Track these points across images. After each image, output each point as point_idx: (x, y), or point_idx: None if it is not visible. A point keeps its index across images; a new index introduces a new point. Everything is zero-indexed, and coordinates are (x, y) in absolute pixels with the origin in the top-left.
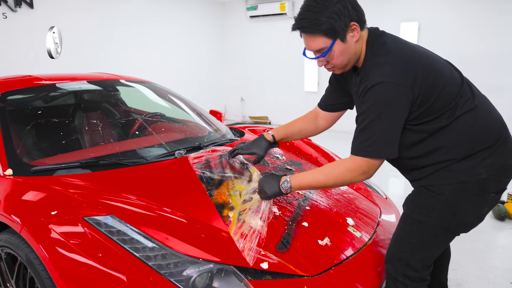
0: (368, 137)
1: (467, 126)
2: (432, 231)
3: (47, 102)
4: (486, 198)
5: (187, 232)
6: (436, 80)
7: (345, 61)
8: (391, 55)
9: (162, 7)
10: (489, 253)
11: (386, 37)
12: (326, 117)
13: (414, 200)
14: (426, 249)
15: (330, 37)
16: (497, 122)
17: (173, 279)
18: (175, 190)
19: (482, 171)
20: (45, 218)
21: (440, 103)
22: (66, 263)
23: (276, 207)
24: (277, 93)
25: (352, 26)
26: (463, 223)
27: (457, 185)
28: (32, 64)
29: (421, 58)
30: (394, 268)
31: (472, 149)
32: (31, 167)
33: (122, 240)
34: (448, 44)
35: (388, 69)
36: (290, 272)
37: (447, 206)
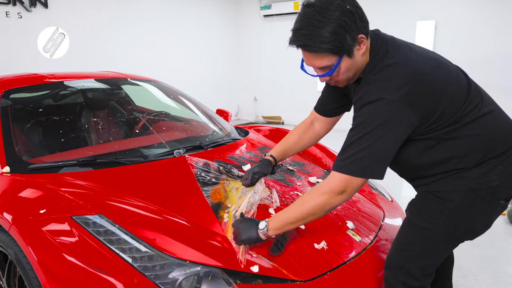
0: (353, 154)
1: (478, 133)
2: (436, 238)
3: (50, 99)
4: (496, 205)
5: (177, 233)
6: (442, 91)
7: (350, 75)
8: (391, 69)
9: (175, 5)
10: (502, 260)
11: (389, 46)
12: (324, 122)
13: (418, 206)
14: (428, 257)
15: (336, 54)
16: (508, 128)
17: (158, 281)
18: (170, 189)
19: (494, 178)
20: (34, 217)
21: (447, 113)
22: (52, 262)
23: (273, 209)
24: (291, 92)
25: (360, 39)
26: (470, 231)
27: (467, 192)
28: (46, 63)
29: (425, 70)
30: (394, 276)
31: (484, 156)
32: (29, 165)
33: (109, 241)
34: (466, 43)
35: (387, 85)
36: (282, 277)
37: (455, 214)
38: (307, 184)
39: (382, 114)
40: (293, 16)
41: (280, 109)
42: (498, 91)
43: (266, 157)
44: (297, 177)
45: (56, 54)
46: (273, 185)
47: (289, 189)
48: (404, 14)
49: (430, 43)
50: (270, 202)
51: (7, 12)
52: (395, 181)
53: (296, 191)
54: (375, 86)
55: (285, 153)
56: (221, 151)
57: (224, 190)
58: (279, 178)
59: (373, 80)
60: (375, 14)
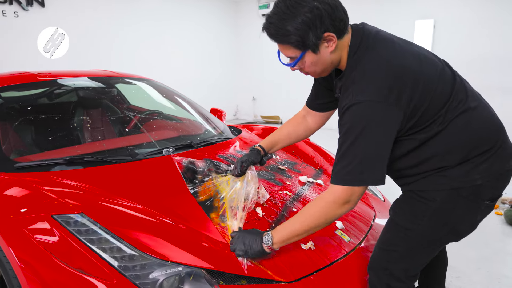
0: (348, 163)
1: (460, 131)
2: (419, 239)
3: (40, 98)
4: (480, 205)
5: (161, 233)
6: (426, 87)
7: (318, 70)
8: (373, 67)
9: (174, 5)
10: (497, 261)
11: (370, 40)
12: (315, 117)
13: (402, 206)
14: (412, 258)
15: (299, 49)
16: (493, 124)
17: (138, 282)
18: (157, 189)
19: (478, 177)
20: (14, 216)
21: (431, 110)
22: (33, 262)
23: (260, 208)
24: (289, 92)
25: (327, 37)
26: (454, 232)
27: (449, 191)
28: (42, 62)
29: (410, 65)
30: (378, 277)
31: (467, 155)
32: (15, 163)
33: (89, 240)
34: (464, 42)
35: (370, 85)
36: (266, 277)
37: (438, 214)
38: (297, 183)
39: (368, 116)
40: None
41: (278, 108)
42: (496, 90)
43: (255, 147)
44: (287, 176)
45: (56, 54)
46: (263, 184)
47: (278, 188)
48: (403, 12)
49: (428, 42)
50: (257, 198)
51: (3, 11)
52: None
53: (285, 190)
54: (358, 87)
55: (274, 143)
56: (211, 150)
57: (213, 185)
58: (269, 177)
59: (356, 80)
60: (374, 13)
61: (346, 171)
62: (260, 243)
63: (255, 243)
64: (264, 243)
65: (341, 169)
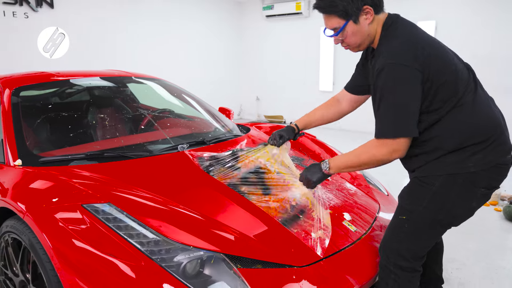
0: (385, 118)
1: (462, 119)
2: (422, 221)
3: (58, 97)
4: (476, 192)
5: (181, 220)
6: (445, 67)
7: (358, 41)
8: (401, 37)
9: (179, 6)
10: (496, 254)
11: (401, 22)
12: (351, 100)
13: (407, 191)
14: (416, 239)
15: (343, 18)
16: (491, 120)
17: (164, 264)
18: (174, 181)
19: (471, 165)
20: (47, 205)
21: (446, 91)
22: (65, 247)
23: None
24: (293, 92)
25: (366, 9)
26: (451, 215)
27: (446, 177)
28: (49, 62)
29: (432, 44)
30: (387, 257)
31: (463, 142)
32: (40, 158)
33: (117, 227)
34: (466, 44)
35: (400, 51)
36: (280, 262)
37: (436, 197)
38: None
39: (397, 76)
40: (295, 16)
41: (282, 108)
42: (497, 90)
43: (290, 125)
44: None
45: (56, 54)
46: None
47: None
48: (405, 13)
49: None
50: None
51: (13, 12)
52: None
53: None
54: (388, 52)
55: (308, 123)
56: (223, 146)
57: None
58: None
59: (387, 47)
60: None
61: (379, 123)
62: (319, 170)
63: (315, 170)
64: (323, 169)
65: (382, 125)
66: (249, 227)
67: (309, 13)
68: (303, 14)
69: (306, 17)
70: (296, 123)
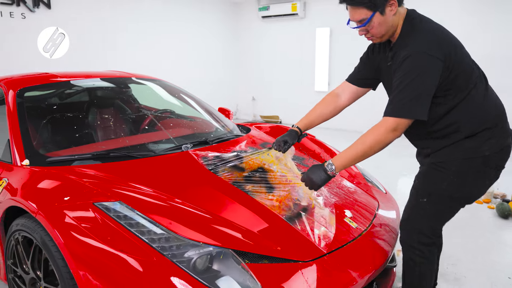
0: (402, 98)
1: (476, 106)
2: (440, 202)
3: (62, 98)
4: (489, 173)
5: (189, 218)
6: (462, 59)
7: (383, 31)
8: (427, 30)
9: (175, 7)
10: (491, 250)
11: (422, 16)
12: (352, 93)
13: (425, 175)
14: (436, 217)
15: (370, 10)
16: (499, 108)
17: (175, 260)
18: (180, 180)
19: (486, 149)
20: (59, 204)
21: (463, 78)
22: (77, 244)
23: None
24: (288, 92)
25: (391, 1)
26: (468, 195)
27: (462, 161)
28: (48, 63)
29: (451, 38)
30: (409, 236)
31: (476, 129)
32: (47, 158)
33: (129, 224)
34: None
35: (425, 41)
36: (285, 257)
37: (454, 181)
38: None
39: (421, 65)
40: (291, 17)
41: (278, 108)
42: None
43: (292, 128)
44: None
45: (56, 54)
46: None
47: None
48: None
49: None
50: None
51: (10, 12)
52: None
53: None
54: (415, 42)
55: (309, 124)
56: (225, 146)
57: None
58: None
59: (413, 39)
60: None
61: (400, 106)
62: (323, 171)
63: (319, 172)
64: (328, 170)
65: (395, 105)
66: (255, 224)
67: (305, 14)
68: (298, 15)
69: (302, 18)
70: (297, 125)
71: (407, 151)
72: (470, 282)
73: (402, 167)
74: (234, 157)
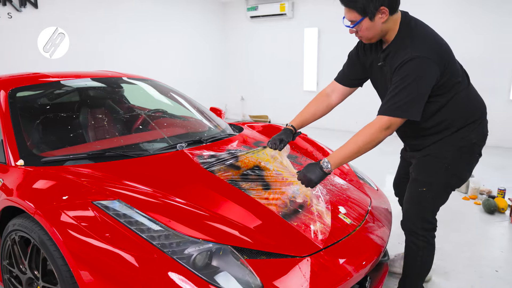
0: (398, 100)
1: (465, 102)
2: (439, 189)
3: (55, 98)
4: (475, 158)
5: (187, 215)
6: (452, 60)
7: (370, 35)
8: (425, 34)
9: (164, 7)
10: (478, 244)
11: (416, 20)
12: (341, 93)
13: (422, 166)
14: (436, 202)
15: (360, 14)
16: (481, 103)
17: (175, 256)
18: (177, 178)
19: (473, 137)
20: (57, 203)
21: (452, 78)
22: (77, 243)
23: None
24: (277, 92)
25: (382, 9)
26: (461, 178)
27: (456, 150)
28: (35, 63)
29: (444, 42)
30: (414, 224)
31: (465, 122)
32: (42, 158)
33: (128, 222)
34: None
35: (425, 45)
36: (283, 253)
37: (450, 167)
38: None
39: (421, 69)
40: (280, 17)
41: (266, 108)
42: None
43: (287, 127)
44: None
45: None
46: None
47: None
48: None
49: None
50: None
51: None
52: (379, 174)
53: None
54: (415, 46)
55: (303, 122)
56: (219, 145)
57: (249, 158)
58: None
59: (411, 42)
60: None
61: (396, 106)
62: (319, 169)
63: (315, 170)
64: (324, 168)
65: (391, 104)
66: (252, 221)
67: (293, 14)
68: (287, 15)
69: (290, 18)
70: (291, 124)
71: (391, 148)
72: (458, 275)
73: (390, 164)
74: (230, 156)
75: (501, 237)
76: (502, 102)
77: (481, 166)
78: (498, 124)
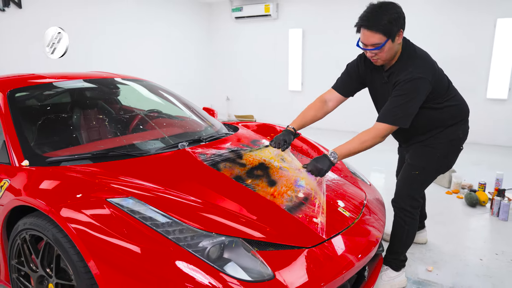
0: (397, 113)
1: (454, 105)
2: (429, 173)
3: (54, 98)
4: (459, 149)
5: (198, 210)
6: (441, 75)
7: (389, 56)
8: (423, 57)
9: (149, 8)
10: (462, 236)
11: (413, 44)
12: (338, 100)
13: (417, 154)
14: (424, 185)
15: (385, 36)
16: (465, 104)
17: (190, 249)
18: (183, 176)
19: (460, 132)
20: (71, 201)
21: (441, 90)
22: (94, 240)
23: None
24: (262, 92)
25: (400, 32)
26: (447, 166)
27: (447, 142)
28: (20, 63)
29: (435, 62)
30: (404, 202)
31: (453, 121)
32: (46, 158)
33: (143, 218)
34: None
35: (423, 67)
36: (289, 244)
37: (441, 156)
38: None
39: (420, 88)
40: (264, 18)
41: (252, 108)
42: None
43: (288, 128)
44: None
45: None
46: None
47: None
48: None
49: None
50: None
51: None
52: (370, 170)
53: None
54: (416, 67)
55: (303, 125)
56: (219, 143)
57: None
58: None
59: (413, 63)
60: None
61: (397, 117)
62: (328, 160)
63: (324, 161)
64: (331, 158)
65: (393, 115)
66: (258, 214)
67: (278, 15)
68: (271, 16)
69: (275, 19)
70: (292, 125)
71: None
72: (446, 264)
73: (375, 161)
74: (233, 154)
75: (483, 228)
76: (479, 101)
77: (461, 162)
78: (476, 122)
